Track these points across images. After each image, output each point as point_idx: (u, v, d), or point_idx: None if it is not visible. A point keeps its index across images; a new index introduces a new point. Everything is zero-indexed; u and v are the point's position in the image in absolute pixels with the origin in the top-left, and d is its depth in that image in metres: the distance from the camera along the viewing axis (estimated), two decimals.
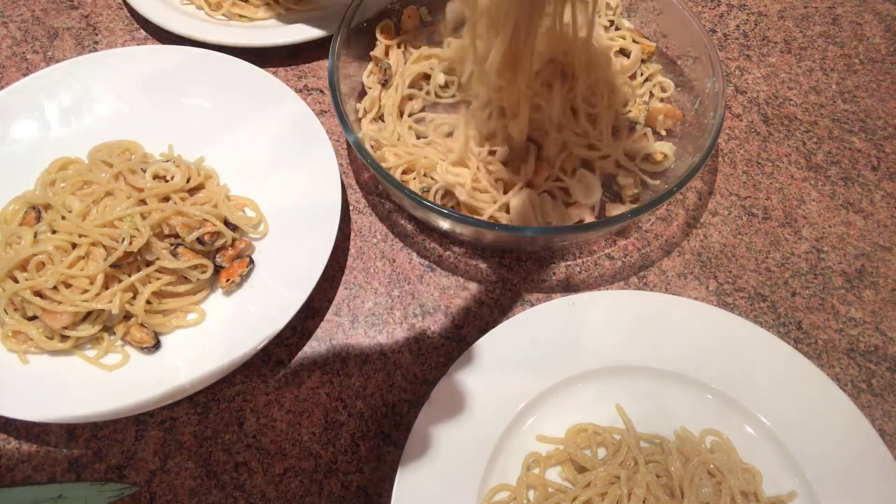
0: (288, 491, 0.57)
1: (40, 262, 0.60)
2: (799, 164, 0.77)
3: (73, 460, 0.58)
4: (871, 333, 0.66)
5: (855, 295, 0.68)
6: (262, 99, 0.73)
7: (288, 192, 0.68)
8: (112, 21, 0.86)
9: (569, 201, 0.70)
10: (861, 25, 0.90)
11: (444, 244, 0.70)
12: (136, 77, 0.75)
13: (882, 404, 0.62)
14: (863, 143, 0.79)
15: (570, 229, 0.64)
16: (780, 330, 0.66)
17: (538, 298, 0.67)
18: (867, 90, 0.84)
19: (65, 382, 0.58)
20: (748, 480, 0.55)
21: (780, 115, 0.81)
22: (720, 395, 0.59)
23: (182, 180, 0.65)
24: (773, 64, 0.86)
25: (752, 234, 0.72)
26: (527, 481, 0.55)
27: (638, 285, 0.69)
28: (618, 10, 0.79)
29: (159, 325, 0.61)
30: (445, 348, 0.64)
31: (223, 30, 0.81)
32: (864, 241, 0.72)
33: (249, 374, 0.62)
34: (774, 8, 0.92)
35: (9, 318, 0.60)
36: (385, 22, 0.77)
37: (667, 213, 0.73)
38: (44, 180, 0.66)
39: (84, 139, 0.70)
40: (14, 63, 0.82)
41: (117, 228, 0.61)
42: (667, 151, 0.70)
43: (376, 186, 0.74)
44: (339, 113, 0.64)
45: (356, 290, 0.67)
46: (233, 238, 0.65)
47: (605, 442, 0.57)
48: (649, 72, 0.76)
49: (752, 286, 0.69)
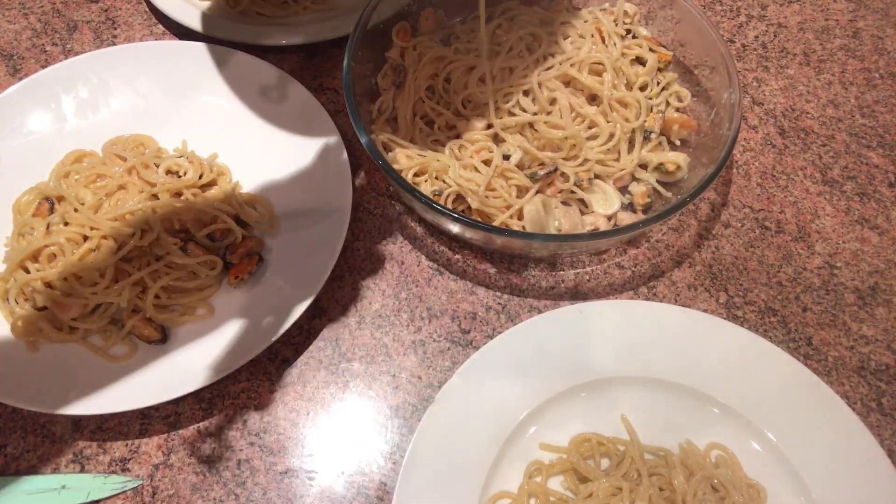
0: (289, 490, 0.57)
1: (52, 254, 0.60)
2: (814, 178, 0.76)
3: (78, 452, 0.58)
4: (883, 352, 0.65)
5: (867, 312, 0.68)
6: (277, 97, 0.73)
7: (299, 191, 0.68)
8: (131, 16, 0.87)
9: (584, 210, 0.69)
10: (882, 39, 0.89)
11: (453, 247, 0.70)
12: (153, 72, 0.75)
13: (891, 424, 0.62)
14: (880, 159, 0.78)
15: (579, 237, 0.64)
16: (790, 345, 0.66)
17: (546, 305, 0.67)
18: (886, 105, 0.83)
19: (72, 374, 0.58)
20: (753, 497, 0.55)
21: (796, 128, 0.80)
22: (727, 410, 0.59)
23: (194, 176, 0.65)
24: (792, 76, 0.85)
25: (764, 247, 0.71)
26: (528, 489, 0.55)
27: (647, 295, 0.68)
28: (635, 17, 0.78)
29: (167, 320, 0.62)
30: (451, 352, 0.64)
31: (240, 27, 0.81)
32: (878, 259, 0.71)
33: (255, 371, 0.62)
34: (794, 20, 0.91)
35: (19, 308, 0.60)
36: (402, 23, 0.76)
37: (679, 223, 0.73)
38: (58, 172, 0.66)
39: (99, 132, 0.71)
40: (33, 55, 0.83)
41: (128, 222, 0.61)
42: (680, 162, 0.69)
43: (387, 188, 0.74)
44: (353, 113, 0.64)
45: (364, 291, 0.67)
46: (243, 235, 0.65)
47: (609, 452, 0.57)
48: (665, 81, 0.75)
49: (762, 300, 0.68)
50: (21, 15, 0.86)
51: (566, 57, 0.71)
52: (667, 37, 0.79)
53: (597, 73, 0.71)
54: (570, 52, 0.72)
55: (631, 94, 0.71)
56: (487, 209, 0.66)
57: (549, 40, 0.72)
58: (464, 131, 0.70)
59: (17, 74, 0.81)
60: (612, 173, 0.70)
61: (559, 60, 0.71)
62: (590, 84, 0.70)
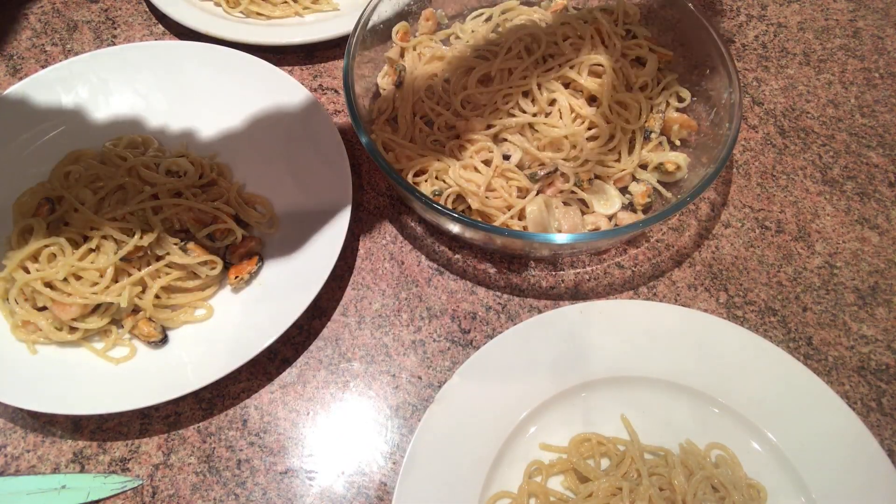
0: (289, 490, 0.57)
1: (52, 254, 0.60)
2: (814, 177, 0.76)
3: (78, 451, 0.58)
4: (883, 352, 0.65)
5: (867, 312, 0.68)
6: (277, 97, 0.73)
7: (299, 191, 0.68)
8: (131, 16, 0.87)
9: (585, 210, 0.69)
10: (882, 39, 0.89)
11: (453, 247, 0.70)
12: (153, 72, 0.75)
13: (891, 424, 0.62)
14: (880, 159, 0.78)
15: (579, 237, 0.64)
16: (790, 345, 0.66)
17: (546, 305, 0.67)
18: (886, 105, 0.83)
19: (72, 374, 0.58)
20: (752, 497, 0.55)
21: (796, 128, 0.80)
22: (727, 410, 0.59)
23: (194, 176, 0.65)
24: (792, 76, 0.85)
25: (764, 247, 0.71)
26: (528, 489, 0.55)
27: (647, 295, 0.68)
28: (635, 17, 0.78)
29: (167, 320, 0.62)
30: (451, 352, 0.64)
31: (240, 27, 0.81)
32: (878, 258, 0.71)
33: (255, 371, 0.62)
34: (794, 19, 0.91)
35: (19, 308, 0.60)
36: (402, 23, 0.77)
37: (679, 223, 0.73)
38: (58, 172, 0.66)
39: (99, 132, 0.71)
40: (33, 55, 0.83)
41: (129, 222, 0.61)
42: (680, 163, 0.69)
43: (387, 188, 0.74)
44: (353, 113, 0.64)
45: (364, 291, 0.67)
46: (243, 235, 0.65)
47: (609, 452, 0.57)
48: (665, 81, 0.75)
49: (762, 300, 0.68)
50: (21, 15, 0.86)
51: (566, 59, 0.71)
52: (667, 37, 0.78)
53: (597, 74, 0.71)
54: (570, 53, 0.72)
55: (631, 96, 0.71)
56: (488, 209, 0.66)
57: (548, 41, 0.72)
58: (464, 131, 0.70)
59: (17, 74, 0.81)
60: (613, 174, 0.70)
61: (558, 62, 0.71)
62: (589, 86, 0.70)
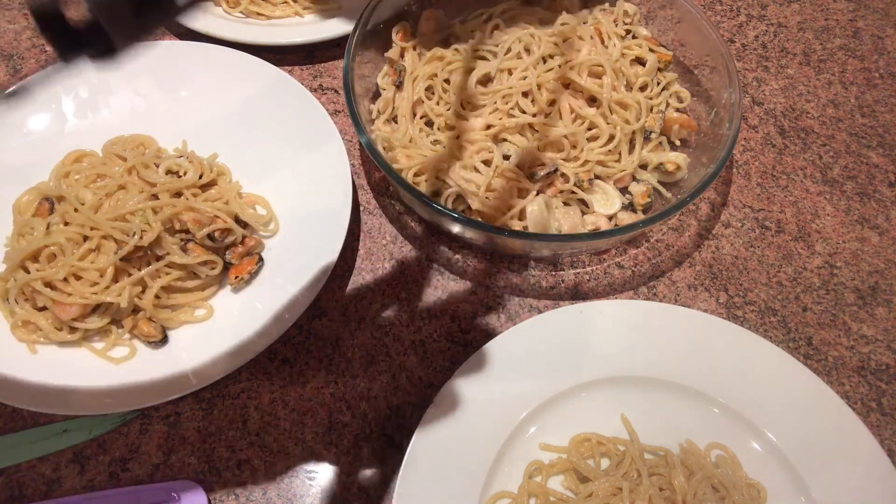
0: (289, 490, 0.57)
1: (52, 254, 0.60)
2: (814, 177, 0.76)
3: (78, 451, 0.58)
4: (883, 352, 0.65)
5: (867, 312, 0.68)
6: (277, 97, 0.73)
7: (299, 191, 0.68)
8: None
9: (585, 210, 0.69)
10: (882, 39, 0.89)
11: (453, 247, 0.70)
12: (153, 72, 0.75)
13: (891, 424, 0.62)
14: (880, 159, 0.78)
15: (579, 237, 0.64)
16: (790, 345, 0.66)
17: (546, 305, 0.67)
18: (887, 105, 0.83)
19: (72, 374, 0.58)
20: (753, 497, 0.55)
21: (796, 128, 0.80)
22: (727, 410, 0.59)
23: (195, 176, 0.65)
24: (792, 76, 0.85)
25: (764, 247, 0.71)
26: (528, 489, 0.55)
27: (647, 295, 0.68)
28: (635, 17, 0.78)
29: (167, 320, 0.62)
30: (451, 352, 0.64)
31: (240, 27, 0.81)
32: (878, 258, 0.71)
33: (255, 371, 0.62)
34: (794, 19, 0.91)
35: (19, 308, 0.60)
36: (402, 23, 0.76)
37: (679, 223, 0.73)
38: (58, 172, 0.66)
39: (99, 132, 0.71)
40: (33, 55, 0.83)
41: (129, 222, 0.61)
42: (680, 163, 0.69)
43: (387, 188, 0.74)
44: (353, 113, 0.64)
45: (364, 291, 0.67)
46: (243, 235, 0.65)
47: (609, 452, 0.57)
48: (665, 81, 0.75)
49: (762, 300, 0.68)
50: (21, 15, 0.86)
51: (565, 59, 0.71)
52: (667, 37, 0.79)
53: (596, 74, 0.71)
54: (570, 54, 0.72)
55: (631, 96, 0.71)
56: (488, 210, 0.66)
57: (548, 41, 0.72)
58: (464, 131, 0.70)
59: (17, 74, 0.81)
60: (613, 174, 0.70)
61: (558, 63, 0.71)
62: (589, 87, 0.70)
